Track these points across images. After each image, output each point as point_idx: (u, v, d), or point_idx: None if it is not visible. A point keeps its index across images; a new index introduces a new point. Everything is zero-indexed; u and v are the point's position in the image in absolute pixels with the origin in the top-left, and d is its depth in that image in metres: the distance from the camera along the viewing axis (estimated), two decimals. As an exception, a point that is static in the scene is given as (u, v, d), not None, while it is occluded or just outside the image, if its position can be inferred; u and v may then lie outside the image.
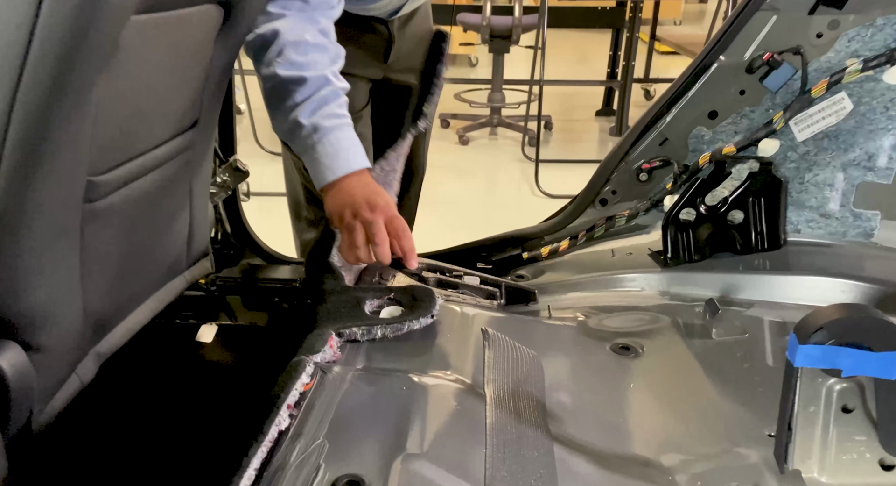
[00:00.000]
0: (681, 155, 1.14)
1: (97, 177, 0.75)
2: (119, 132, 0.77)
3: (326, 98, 1.01)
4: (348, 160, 1.00)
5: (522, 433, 0.70)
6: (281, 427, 0.60)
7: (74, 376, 0.81)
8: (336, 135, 1.01)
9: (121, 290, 0.88)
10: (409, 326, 0.81)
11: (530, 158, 3.61)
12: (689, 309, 1.01)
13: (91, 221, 0.76)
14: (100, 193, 0.76)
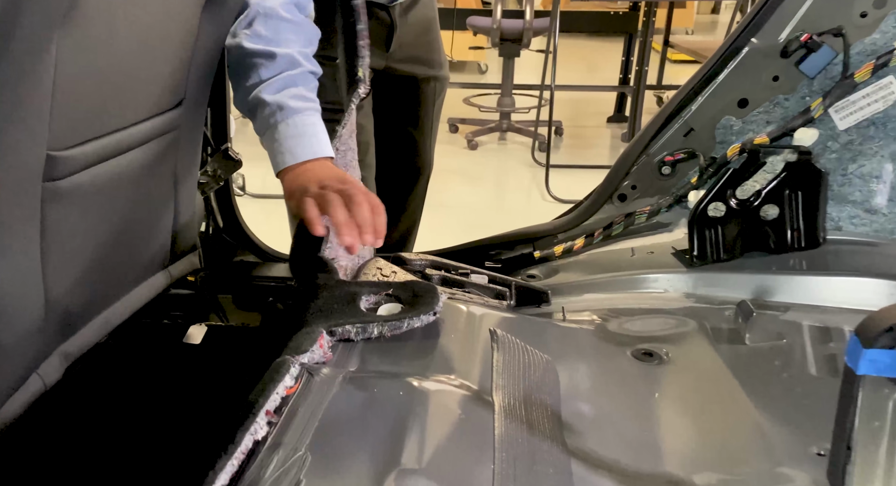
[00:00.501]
0: (707, 147, 1.06)
1: (59, 152, 0.67)
2: (86, 105, 0.69)
3: (295, 79, 0.93)
4: (312, 145, 0.91)
5: (535, 446, 0.61)
6: (257, 436, 0.52)
7: (36, 376, 0.73)
8: (302, 118, 0.91)
9: (91, 283, 0.80)
10: (409, 324, 0.72)
11: (540, 163, 3.53)
12: (717, 312, 0.92)
13: (53, 201, 0.68)
14: (63, 170, 0.68)
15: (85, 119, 0.70)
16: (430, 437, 0.57)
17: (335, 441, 0.54)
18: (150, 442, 0.92)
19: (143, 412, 0.98)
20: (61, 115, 0.65)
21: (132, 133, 0.79)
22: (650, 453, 0.66)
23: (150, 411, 0.98)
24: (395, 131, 1.43)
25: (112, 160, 0.76)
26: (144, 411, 0.98)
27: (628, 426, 0.70)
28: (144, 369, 1.06)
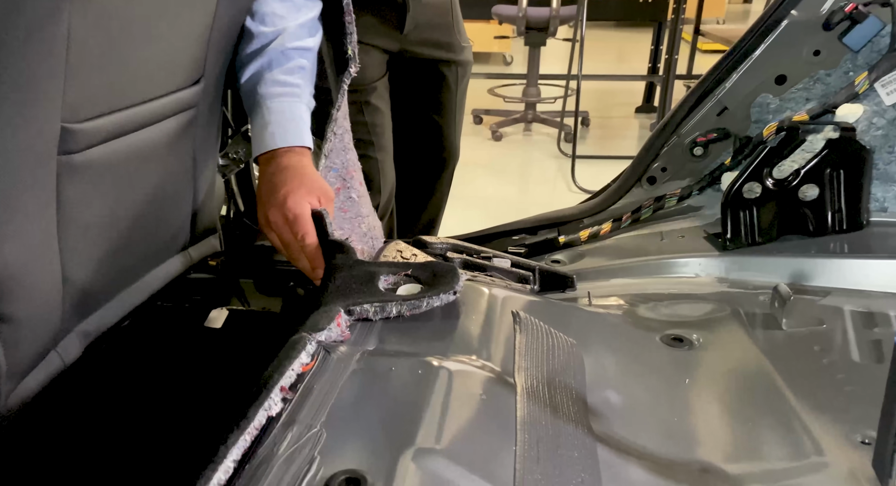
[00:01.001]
0: (742, 126, 1.01)
1: (74, 124, 0.66)
2: (100, 77, 0.68)
3: (271, 61, 0.90)
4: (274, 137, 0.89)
5: (560, 429, 0.58)
6: (271, 412, 0.50)
7: (54, 354, 0.73)
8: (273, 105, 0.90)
9: (109, 262, 0.79)
10: (428, 303, 0.70)
11: (566, 154, 3.48)
12: (752, 297, 0.88)
13: (68, 175, 0.67)
14: (78, 143, 0.67)
15: (100, 92, 0.69)
16: (449, 417, 0.54)
17: (351, 419, 0.52)
18: (168, 424, 0.91)
19: (162, 393, 0.97)
20: (76, 86, 0.64)
21: (149, 109, 0.78)
22: (681, 440, 0.63)
23: (170, 393, 0.98)
24: (417, 118, 1.41)
25: (128, 136, 0.75)
26: (164, 393, 0.98)
27: (657, 412, 0.67)
28: (165, 351, 1.06)
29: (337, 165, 0.99)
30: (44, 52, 0.58)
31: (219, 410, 0.87)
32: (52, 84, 0.60)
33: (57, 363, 0.73)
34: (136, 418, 0.90)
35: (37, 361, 0.70)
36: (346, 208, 1.02)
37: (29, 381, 0.69)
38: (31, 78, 0.58)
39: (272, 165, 0.89)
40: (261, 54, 0.90)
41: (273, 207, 0.85)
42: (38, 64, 0.58)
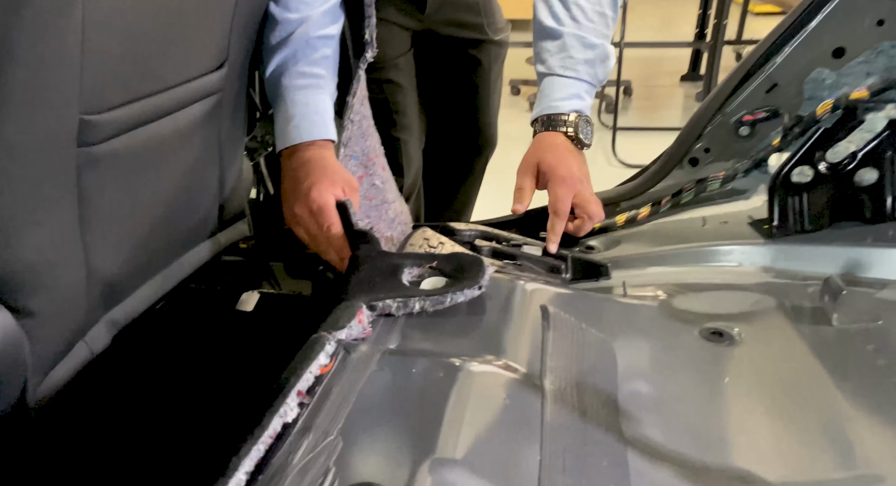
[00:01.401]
0: (793, 104, 0.94)
1: (93, 116, 0.64)
2: (119, 66, 0.66)
3: (296, 52, 0.89)
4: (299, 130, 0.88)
5: (588, 435, 0.56)
6: (287, 419, 0.49)
7: (82, 344, 0.73)
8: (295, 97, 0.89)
9: (135, 251, 0.78)
10: (452, 298, 0.67)
11: (607, 126, 3.38)
12: (800, 289, 0.83)
13: (89, 167, 0.66)
14: (98, 135, 0.66)
15: (119, 81, 0.67)
16: (470, 424, 0.52)
17: (369, 426, 0.51)
18: (199, 411, 0.92)
19: (193, 379, 0.98)
20: (93, 77, 0.62)
21: (171, 96, 0.77)
22: (717, 446, 0.59)
23: (201, 378, 0.99)
24: (449, 101, 1.36)
25: (150, 125, 0.74)
26: (195, 378, 0.99)
27: (693, 415, 0.63)
28: (196, 336, 1.07)
29: (357, 153, 0.97)
30: (57, 46, 0.56)
31: (249, 396, 0.87)
32: (67, 77, 0.59)
33: (85, 354, 0.74)
34: (166, 405, 0.91)
35: (64, 352, 0.70)
36: (371, 196, 1.00)
37: (57, 372, 0.69)
38: (45, 72, 0.56)
39: (294, 160, 0.88)
40: (286, 44, 0.89)
41: (297, 200, 0.85)
42: (52, 57, 0.57)
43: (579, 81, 0.95)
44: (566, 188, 0.91)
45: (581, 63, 0.95)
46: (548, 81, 0.96)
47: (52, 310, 0.66)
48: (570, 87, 0.95)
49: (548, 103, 0.95)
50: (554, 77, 0.96)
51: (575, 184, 0.91)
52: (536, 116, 0.97)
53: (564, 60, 0.95)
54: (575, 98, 0.95)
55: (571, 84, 0.95)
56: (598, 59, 0.95)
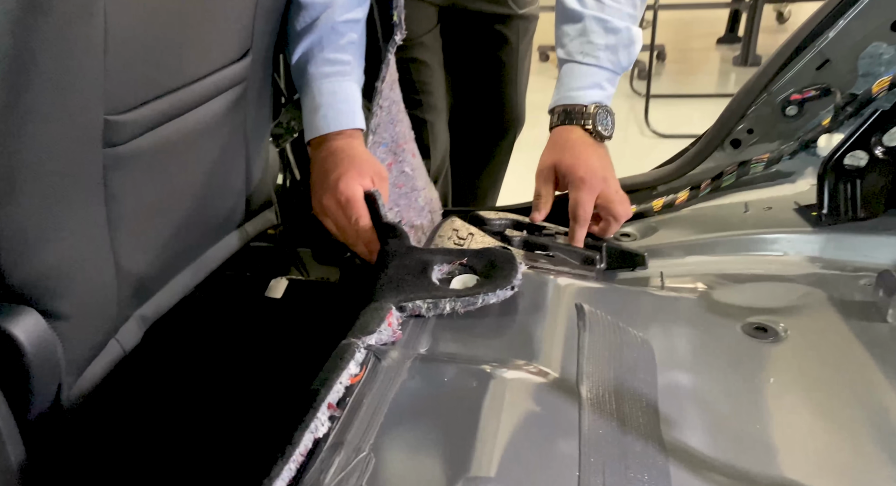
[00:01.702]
0: (846, 81, 0.89)
1: (117, 116, 0.63)
2: (142, 64, 0.64)
3: (321, 39, 0.86)
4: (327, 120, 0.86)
5: (628, 447, 0.54)
6: (317, 434, 0.48)
7: (114, 342, 0.73)
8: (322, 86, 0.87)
9: (163, 247, 0.78)
10: (483, 299, 0.65)
11: (639, 93, 3.28)
12: (851, 281, 0.78)
13: (115, 167, 0.65)
14: (123, 135, 0.65)
15: (143, 79, 0.66)
16: (505, 438, 0.51)
17: (401, 441, 0.49)
18: (232, 401, 0.92)
19: (226, 369, 0.99)
20: (116, 77, 0.60)
21: (195, 90, 0.75)
22: (763, 454, 0.57)
23: (234, 368, 0.99)
24: (476, 81, 1.31)
25: (175, 120, 0.73)
26: (228, 368, 0.99)
27: (737, 419, 0.61)
28: (227, 323, 1.07)
29: (386, 140, 0.94)
30: (80, 49, 0.55)
31: (279, 391, 0.87)
32: (91, 79, 0.57)
33: (117, 351, 0.74)
34: (199, 399, 0.92)
35: (96, 351, 0.70)
36: (401, 183, 0.97)
37: (90, 372, 0.70)
38: (68, 76, 0.55)
39: (323, 150, 0.86)
40: (311, 30, 0.86)
41: (325, 192, 0.84)
42: (75, 61, 0.55)
43: (600, 69, 0.89)
44: (587, 191, 0.85)
45: (602, 49, 0.89)
46: (567, 68, 0.91)
47: (83, 311, 0.66)
48: (590, 75, 0.89)
49: (565, 92, 0.90)
50: (573, 64, 0.90)
51: (597, 184, 0.86)
52: (554, 105, 0.92)
53: (584, 46, 0.89)
54: (595, 88, 0.89)
55: (591, 72, 0.89)
56: (622, 44, 0.89)
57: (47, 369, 0.62)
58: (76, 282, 0.64)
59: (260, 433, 0.83)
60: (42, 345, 0.60)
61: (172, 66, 0.70)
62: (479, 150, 1.38)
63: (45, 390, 0.62)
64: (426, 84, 1.18)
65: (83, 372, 0.69)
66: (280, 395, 0.87)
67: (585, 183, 0.86)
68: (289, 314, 1.14)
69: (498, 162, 1.41)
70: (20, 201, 0.55)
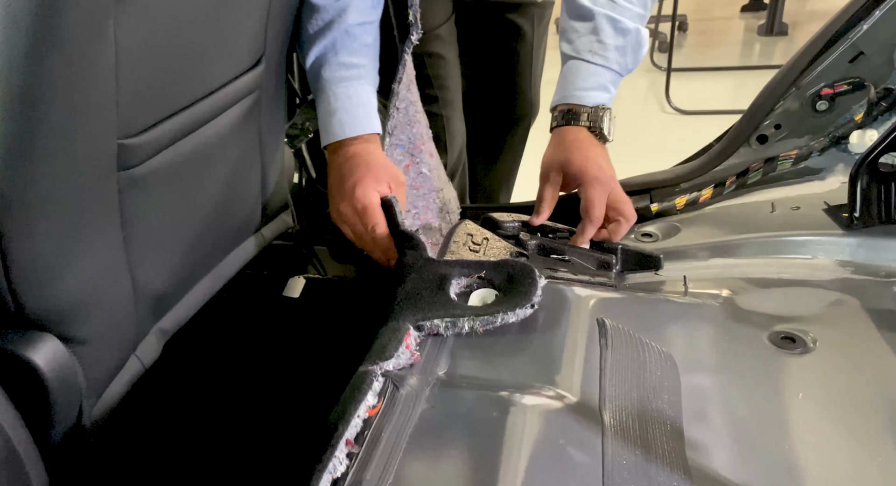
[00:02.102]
0: (881, 74, 0.85)
1: (130, 139, 0.62)
2: (154, 84, 0.63)
3: (335, 42, 0.85)
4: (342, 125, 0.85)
5: (652, 477, 0.53)
6: (336, 474, 0.47)
7: (134, 358, 0.73)
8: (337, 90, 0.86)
9: (181, 261, 0.77)
10: (503, 318, 0.64)
11: (660, 67, 3.20)
12: (883, 288, 0.76)
13: (130, 189, 0.64)
14: (137, 157, 0.64)
15: (155, 99, 0.64)
16: (527, 473, 0.50)
17: (420, 478, 0.49)
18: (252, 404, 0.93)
19: (247, 373, 0.99)
20: (128, 100, 0.59)
21: (209, 103, 0.73)
22: (791, 480, 0.56)
23: (256, 372, 1.00)
24: (489, 70, 1.28)
25: (189, 136, 0.72)
26: (249, 373, 0.99)
27: (764, 440, 0.59)
28: (246, 326, 1.07)
29: (403, 141, 0.93)
30: (91, 76, 0.54)
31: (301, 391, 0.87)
32: (102, 105, 0.57)
33: (136, 367, 0.74)
34: (221, 401, 0.92)
35: (117, 370, 0.71)
36: (419, 185, 0.96)
37: (110, 390, 0.70)
38: (80, 105, 0.54)
39: (339, 155, 0.86)
40: (325, 34, 0.84)
41: (342, 199, 0.83)
42: (86, 85, 0.54)
43: (607, 70, 0.87)
44: (601, 190, 0.84)
45: (612, 50, 0.86)
46: (573, 66, 0.88)
47: (102, 333, 0.66)
48: (598, 75, 0.87)
49: (571, 91, 0.88)
50: (580, 62, 0.88)
51: (608, 183, 0.85)
52: (557, 103, 0.90)
53: (594, 45, 0.87)
54: (600, 90, 0.87)
55: (599, 72, 0.87)
56: (630, 46, 0.86)
57: (68, 394, 0.62)
58: (94, 306, 0.64)
59: (281, 440, 0.84)
60: (62, 371, 0.60)
61: (185, 83, 0.68)
62: (493, 140, 1.35)
63: (66, 414, 0.63)
64: (442, 78, 1.15)
65: (104, 392, 0.69)
66: (300, 400, 0.87)
67: (599, 182, 0.85)
68: (307, 313, 1.14)
69: (514, 151, 1.39)
70: (35, 232, 0.55)
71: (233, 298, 1.00)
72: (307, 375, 0.93)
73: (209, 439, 0.85)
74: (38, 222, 0.55)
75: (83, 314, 0.62)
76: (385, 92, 0.92)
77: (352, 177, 0.83)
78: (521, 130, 1.35)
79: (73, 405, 0.63)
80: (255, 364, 1.00)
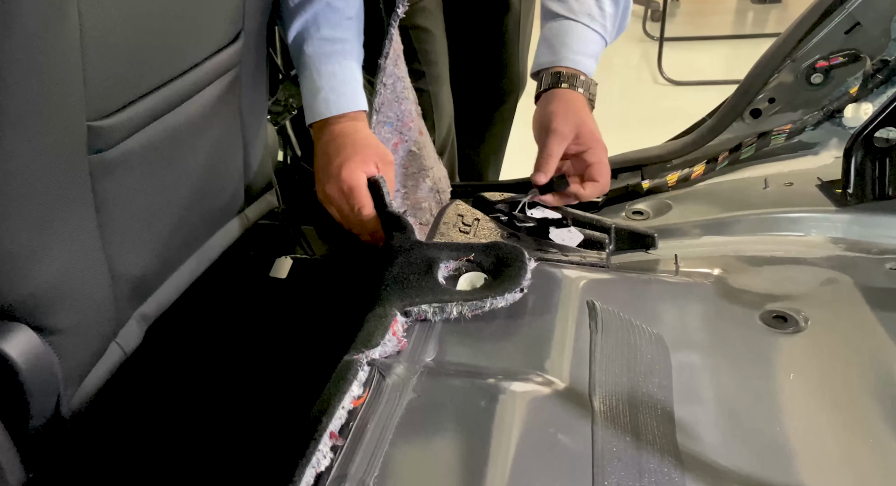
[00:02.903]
0: (877, 46, 0.83)
1: (101, 121, 0.59)
2: (124, 62, 0.60)
3: (317, 16, 0.82)
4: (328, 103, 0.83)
5: (643, 463, 0.52)
6: (319, 468, 0.46)
7: (115, 345, 0.72)
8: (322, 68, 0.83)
9: (161, 245, 0.75)
10: (492, 303, 0.63)
11: (653, 37, 3.14)
12: (875, 265, 0.75)
13: (104, 174, 0.62)
14: (109, 140, 0.61)
15: (126, 79, 0.62)
16: (516, 462, 0.49)
17: (407, 472, 0.48)
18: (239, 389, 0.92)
19: (232, 355, 0.98)
20: (97, 80, 0.57)
21: (186, 81, 0.70)
22: (782, 460, 0.55)
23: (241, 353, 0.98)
24: (475, 45, 1.24)
25: (165, 116, 0.69)
26: (234, 354, 0.98)
27: (754, 423, 0.59)
28: (232, 310, 1.05)
29: (391, 119, 0.90)
30: (55, 55, 0.51)
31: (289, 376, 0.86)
32: (69, 85, 0.54)
33: (118, 354, 0.73)
34: (206, 387, 0.91)
35: (96, 358, 0.69)
36: (408, 164, 0.94)
37: (90, 379, 0.68)
38: (44, 83, 0.51)
39: (325, 134, 0.83)
40: (306, 7, 0.82)
41: (328, 180, 0.81)
42: (51, 66, 0.51)
43: (601, 39, 0.84)
44: (605, 155, 0.83)
45: (609, 17, 0.83)
46: (567, 26, 0.84)
47: (78, 322, 0.64)
48: (594, 42, 0.84)
49: (568, 54, 0.84)
50: (575, 23, 0.83)
51: (603, 146, 0.84)
52: (555, 64, 0.85)
53: (593, 9, 0.83)
54: (593, 58, 0.85)
55: (594, 40, 0.84)
56: (620, 16, 0.84)
57: (44, 385, 0.60)
58: (69, 294, 0.62)
59: (269, 428, 0.83)
60: (37, 361, 0.59)
61: (158, 61, 0.65)
62: (481, 116, 1.32)
63: (43, 406, 0.61)
64: (429, 53, 1.12)
65: (83, 381, 0.68)
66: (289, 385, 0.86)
67: (603, 148, 0.84)
68: (295, 295, 1.12)
69: (501, 128, 1.36)
70: (5, 220, 0.53)
71: (218, 279, 0.98)
72: (295, 358, 0.92)
73: (193, 426, 0.84)
74: (6, 210, 0.52)
75: (57, 303, 0.61)
76: (370, 68, 0.89)
77: (338, 157, 0.81)
78: (509, 105, 1.32)
79: (49, 395, 0.62)
80: (241, 347, 0.99)
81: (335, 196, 0.82)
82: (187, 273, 0.84)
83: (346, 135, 0.83)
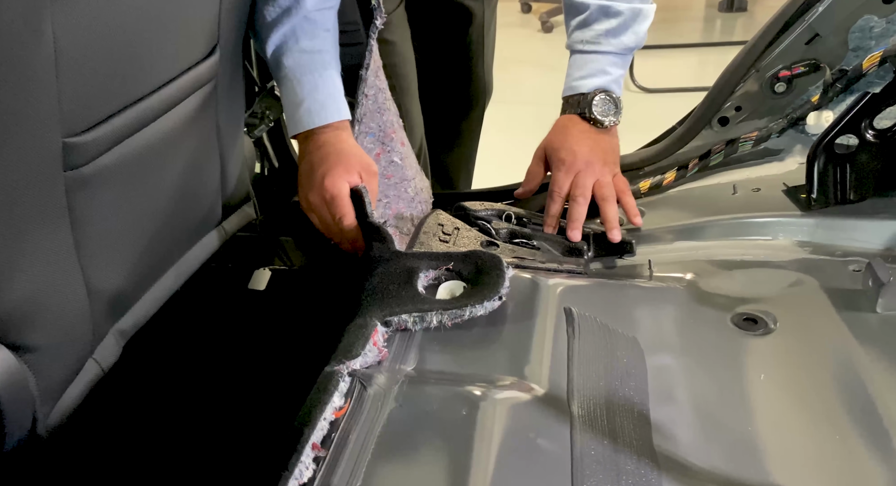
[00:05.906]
0: (836, 56, 0.86)
1: (76, 138, 0.59)
2: (99, 79, 0.60)
3: (294, 28, 0.83)
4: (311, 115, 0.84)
5: (620, 466, 0.53)
6: (302, 479, 0.47)
7: (92, 362, 0.71)
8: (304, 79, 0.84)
9: (138, 259, 0.75)
10: (471, 311, 0.64)
11: (623, 46, 3.18)
12: (841, 268, 0.78)
13: (79, 189, 0.61)
14: (84, 156, 0.61)
15: (101, 94, 0.62)
16: (496, 470, 0.50)
17: (389, 482, 0.48)
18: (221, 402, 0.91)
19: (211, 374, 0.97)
20: (72, 96, 0.57)
21: (161, 96, 0.71)
22: (755, 458, 0.57)
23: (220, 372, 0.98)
24: (440, 56, 1.26)
25: (141, 132, 0.69)
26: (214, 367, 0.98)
27: (727, 421, 0.60)
28: (210, 324, 1.05)
29: (373, 129, 0.91)
30: (27, 68, 0.51)
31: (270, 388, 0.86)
32: (43, 100, 0.54)
33: (95, 371, 0.72)
34: (186, 401, 0.90)
35: (73, 375, 0.69)
36: (390, 173, 0.95)
37: (67, 396, 0.68)
38: (17, 99, 0.51)
39: (310, 144, 0.85)
40: (283, 21, 0.83)
41: (311, 188, 0.83)
42: (23, 82, 0.51)
43: (602, 55, 0.88)
44: (564, 171, 0.87)
45: (602, 35, 0.88)
46: (572, 59, 0.92)
47: (54, 340, 0.63)
48: (592, 62, 0.89)
49: (569, 83, 0.91)
50: (576, 54, 0.91)
51: (575, 165, 0.87)
52: (562, 96, 0.94)
53: (585, 34, 0.89)
54: (597, 75, 0.89)
55: (593, 59, 0.89)
56: (624, 25, 0.87)
57: (19, 404, 0.60)
58: (45, 312, 0.61)
59: (250, 440, 0.82)
60: (11, 380, 0.58)
61: (132, 77, 0.65)
62: (450, 125, 1.34)
63: (18, 425, 0.60)
64: (397, 67, 1.13)
65: (59, 399, 0.67)
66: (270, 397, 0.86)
67: (565, 164, 0.88)
68: (274, 306, 1.12)
69: (470, 136, 1.38)
70: None
71: (197, 292, 0.98)
72: (276, 370, 0.92)
73: (174, 441, 0.83)
74: None
75: (32, 320, 0.60)
76: (351, 91, 0.91)
77: (322, 166, 0.82)
78: (476, 113, 1.35)
79: (25, 415, 0.61)
80: (221, 360, 0.98)
81: (317, 204, 0.83)
82: (165, 287, 0.84)
83: (329, 144, 0.84)
